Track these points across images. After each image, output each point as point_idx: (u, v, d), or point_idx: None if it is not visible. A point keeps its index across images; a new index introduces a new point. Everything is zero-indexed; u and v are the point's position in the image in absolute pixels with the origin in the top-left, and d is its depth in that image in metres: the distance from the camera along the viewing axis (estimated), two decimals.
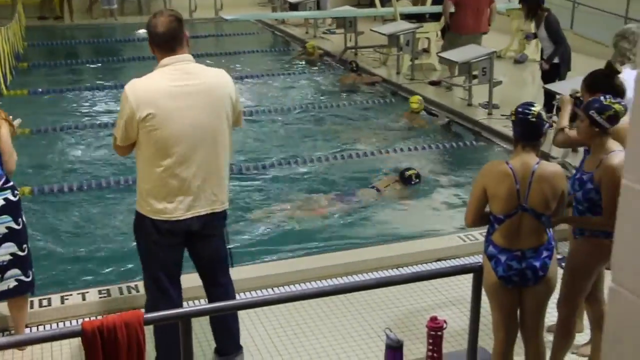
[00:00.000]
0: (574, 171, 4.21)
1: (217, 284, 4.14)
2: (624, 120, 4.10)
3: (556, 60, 8.84)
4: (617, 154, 3.76)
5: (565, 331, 4.03)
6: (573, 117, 4.43)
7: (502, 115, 9.03)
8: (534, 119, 3.61)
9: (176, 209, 3.80)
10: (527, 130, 3.62)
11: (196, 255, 4.08)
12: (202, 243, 4.01)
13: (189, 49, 3.92)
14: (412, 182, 7.35)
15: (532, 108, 3.64)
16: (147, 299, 4.05)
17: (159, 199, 3.78)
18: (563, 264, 4.15)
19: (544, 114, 3.70)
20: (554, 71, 8.89)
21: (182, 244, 3.96)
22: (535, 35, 9.73)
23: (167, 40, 3.80)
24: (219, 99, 3.82)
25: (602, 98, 3.85)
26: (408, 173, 7.35)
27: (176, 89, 3.73)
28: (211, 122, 3.79)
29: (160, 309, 3.51)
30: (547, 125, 3.70)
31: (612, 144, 3.84)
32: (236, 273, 5.30)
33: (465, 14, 10.73)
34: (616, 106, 3.78)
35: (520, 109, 3.65)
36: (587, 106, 3.87)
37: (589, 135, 3.88)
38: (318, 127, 9.57)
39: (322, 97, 11.02)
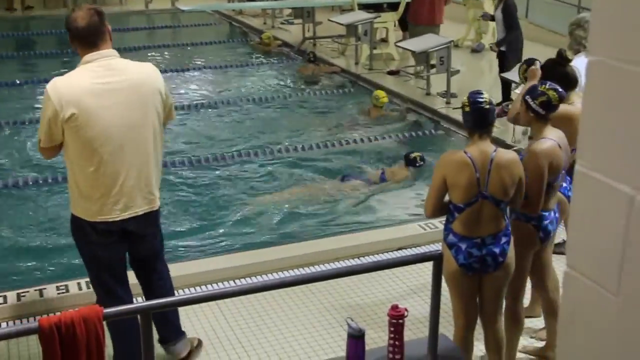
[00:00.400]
0: None
1: (152, 270, 4.11)
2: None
3: (503, 48, 8.96)
4: (545, 141, 3.85)
5: (514, 319, 4.08)
6: None
7: (454, 109, 9.09)
8: (487, 106, 3.66)
9: (112, 210, 3.72)
10: (482, 118, 3.67)
11: (133, 252, 4.04)
12: (139, 241, 3.96)
13: (111, 44, 3.85)
14: (417, 165, 7.41)
15: (483, 96, 3.70)
16: (96, 300, 3.98)
17: (93, 201, 3.72)
18: None
19: (492, 99, 3.77)
20: (501, 59, 9.02)
21: (121, 242, 3.89)
22: (492, 17, 9.83)
23: (88, 36, 3.71)
24: (146, 94, 3.74)
25: (540, 84, 3.95)
26: (413, 155, 7.41)
27: (100, 87, 3.64)
28: (139, 119, 3.70)
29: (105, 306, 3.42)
30: (497, 110, 3.77)
31: (549, 131, 3.92)
32: (197, 266, 5.30)
33: (421, 5, 10.81)
34: (550, 93, 3.86)
35: (473, 99, 3.68)
36: (526, 91, 3.97)
37: (527, 120, 4.00)
38: (276, 118, 9.54)
39: (280, 88, 10.98)
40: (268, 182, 7.37)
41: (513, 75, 7.77)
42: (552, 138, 3.88)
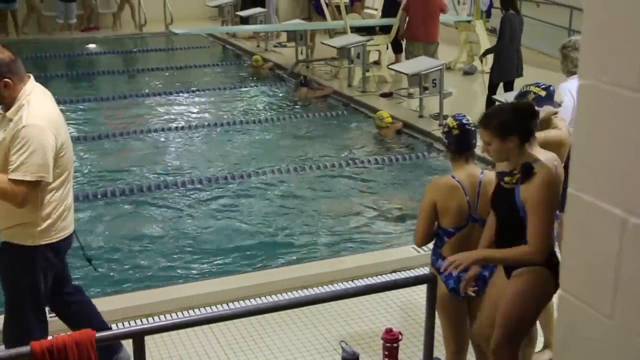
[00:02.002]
0: None
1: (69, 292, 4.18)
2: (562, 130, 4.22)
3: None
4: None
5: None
6: None
7: (441, 133, 9.12)
8: (473, 128, 3.68)
9: (70, 222, 3.90)
10: (469, 140, 3.67)
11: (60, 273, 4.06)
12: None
13: None
14: None
15: (467, 117, 3.71)
16: (16, 333, 3.83)
17: (59, 219, 3.80)
18: None
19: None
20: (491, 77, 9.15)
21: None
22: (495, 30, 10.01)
23: (20, 65, 3.73)
24: None
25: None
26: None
27: (56, 108, 3.80)
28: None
29: (35, 337, 3.27)
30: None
31: (537, 153, 3.85)
32: (191, 289, 5.27)
33: (415, 23, 10.92)
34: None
35: (460, 121, 3.68)
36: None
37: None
38: (269, 140, 9.56)
39: (273, 110, 11.01)
40: (260, 204, 7.36)
41: (507, 97, 7.81)
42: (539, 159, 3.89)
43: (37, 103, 3.65)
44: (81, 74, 13.32)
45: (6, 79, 3.61)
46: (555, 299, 4.15)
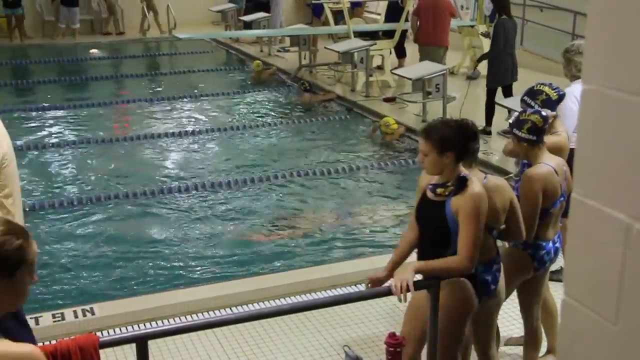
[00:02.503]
0: None
1: None
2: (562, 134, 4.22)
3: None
4: (540, 166, 3.88)
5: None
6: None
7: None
8: (477, 133, 3.69)
9: None
10: (475, 145, 3.67)
11: None
12: None
13: None
14: None
15: (472, 122, 3.71)
16: None
17: None
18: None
19: None
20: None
21: None
22: (489, 34, 10.01)
23: None
24: None
25: (522, 112, 3.96)
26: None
27: None
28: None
29: None
30: None
31: (546, 157, 3.94)
32: (194, 293, 5.27)
33: (425, 27, 10.96)
34: (533, 117, 3.87)
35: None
36: (512, 124, 3.99)
37: (523, 152, 3.97)
38: (272, 145, 9.57)
39: (276, 115, 11.03)
40: (264, 208, 7.36)
41: (511, 102, 7.82)
42: (548, 163, 3.90)
43: None
44: (84, 79, 13.35)
45: None
46: (559, 304, 4.14)
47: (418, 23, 11.12)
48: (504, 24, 9.08)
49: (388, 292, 3.53)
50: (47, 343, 3.08)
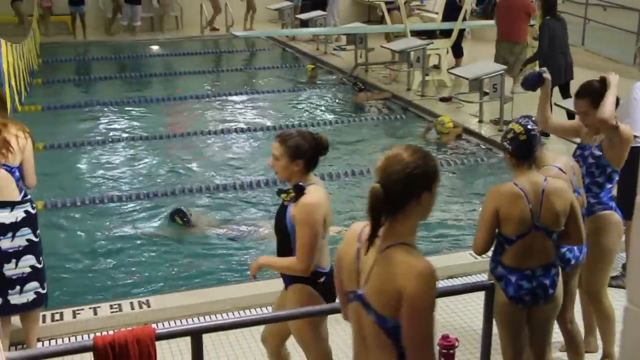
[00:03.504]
0: None
1: None
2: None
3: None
4: (547, 168, 3.80)
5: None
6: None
7: (503, 139, 9.00)
8: (537, 133, 3.63)
9: None
10: (534, 146, 3.61)
11: None
12: None
13: None
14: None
15: (532, 122, 3.64)
16: None
17: None
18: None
19: None
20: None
21: None
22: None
23: None
24: None
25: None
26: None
27: None
28: None
29: None
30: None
31: (550, 159, 3.87)
32: (250, 288, 5.30)
33: (502, 24, 10.86)
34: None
35: (526, 126, 3.61)
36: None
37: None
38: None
39: (331, 114, 11.05)
40: None
41: (567, 103, 7.66)
42: (555, 165, 3.85)
43: None
44: (142, 75, 13.63)
45: None
46: (618, 310, 4.05)
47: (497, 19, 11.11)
48: (549, 25, 8.93)
49: (442, 294, 3.51)
50: (104, 333, 3.16)
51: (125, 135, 9.80)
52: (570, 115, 8.65)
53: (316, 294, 3.59)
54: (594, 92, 4.17)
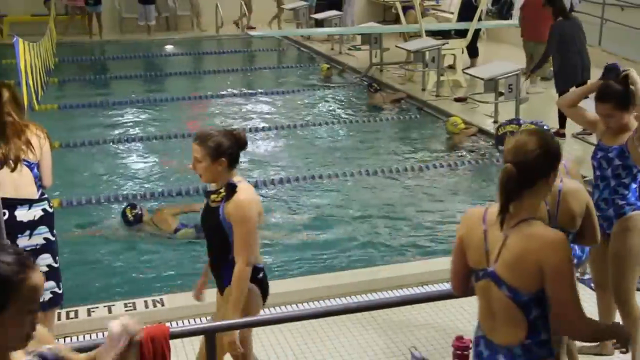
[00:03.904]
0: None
1: None
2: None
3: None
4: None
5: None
6: None
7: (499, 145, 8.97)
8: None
9: None
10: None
11: None
12: None
13: None
14: None
15: (546, 124, 3.61)
16: None
17: None
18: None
19: None
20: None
21: None
22: None
23: None
24: None
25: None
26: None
27: None
28: None
29: None
30: None
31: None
32: None
33: (528, 22, 10.94)
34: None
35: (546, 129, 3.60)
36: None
37: None
38: (341, 143, 9.59)
39: (345, 114, 11.04)
40: (333, 206, 7.38)
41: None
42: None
43: None
44: (157, 74, 13.69)
45: None
46: None
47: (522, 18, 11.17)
48: (560, 26, 8.89)
49: (452, 295, 3.49)
50: None
51: (140, 134, 9.84)
52: None
53: (257, 291, 3.60)
54: (618, 94, 4.10)
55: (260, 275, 3.63)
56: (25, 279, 1.91)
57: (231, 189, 3.47)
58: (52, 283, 4.38)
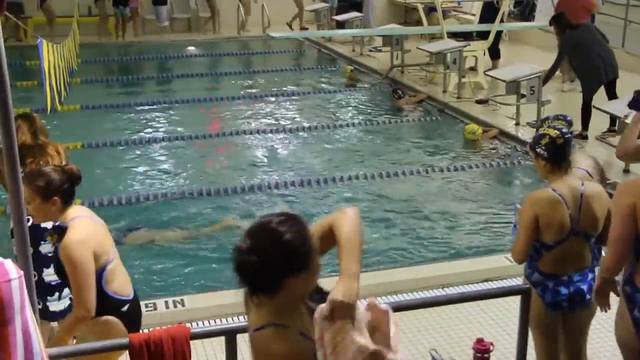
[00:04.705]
0: None
1: None
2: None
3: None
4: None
5: None
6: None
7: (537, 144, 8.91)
8: (571, 135, 3.57)
9: None
10: (569, 150, 3.55)
11: None
12: None
13: None
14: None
15: (566, 122, 3.58)
16: None
17: None
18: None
19: None
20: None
21: None
22: None
23: None
24: None
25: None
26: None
27: None
28: None
29: None
30: None
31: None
32: None
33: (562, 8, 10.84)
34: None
35: (562, 131, 3.55)
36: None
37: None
38: (362, 145, 9.57)
39: (366, 115, 11.02)
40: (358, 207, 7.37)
41: (611, 107, 7.55)
42: (582, 168, 3.78)
43: None
44: (179, 75, 13.77)
45: None
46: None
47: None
48: (570, 38, 8.86)
49: (477, 297, 3.48)
50: (140, 332, 3.19)
51: (162, 135, 9.90)
52: (612, 120, 8.53)
53: (119, 324, 3.39)
54: None
55: (125, 307, 3.43)
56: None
57: (60, 231, 3.31)
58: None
